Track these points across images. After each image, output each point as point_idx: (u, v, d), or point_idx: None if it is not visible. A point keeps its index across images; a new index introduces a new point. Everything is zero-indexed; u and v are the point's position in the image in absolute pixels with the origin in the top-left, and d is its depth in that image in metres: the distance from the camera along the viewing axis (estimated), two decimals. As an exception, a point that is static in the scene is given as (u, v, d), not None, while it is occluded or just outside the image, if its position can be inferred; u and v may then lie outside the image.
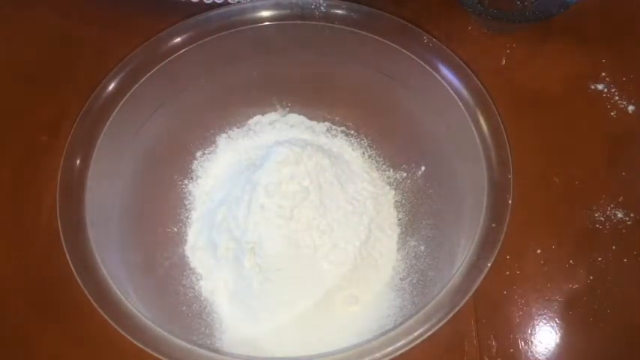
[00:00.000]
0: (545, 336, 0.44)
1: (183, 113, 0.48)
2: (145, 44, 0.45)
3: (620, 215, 0.47)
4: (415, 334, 0.35)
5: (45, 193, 0.48)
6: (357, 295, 0.44)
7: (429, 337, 0.36)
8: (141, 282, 0.42)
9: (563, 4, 0.50)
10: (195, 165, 0.50)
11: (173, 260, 0.46)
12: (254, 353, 0.41)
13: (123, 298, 0.37)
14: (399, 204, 0.48)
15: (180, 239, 0.47)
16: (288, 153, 0.44)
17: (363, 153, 0.51)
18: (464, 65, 0.43)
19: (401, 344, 0.35)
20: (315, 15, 0.45)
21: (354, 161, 0.50)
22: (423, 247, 0.46)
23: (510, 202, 0.39)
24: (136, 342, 0.36)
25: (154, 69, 0.44)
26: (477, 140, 0.41)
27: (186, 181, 0.49)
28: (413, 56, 0.44)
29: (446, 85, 0.43)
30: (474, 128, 0.41)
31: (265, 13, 0.46)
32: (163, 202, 0.48)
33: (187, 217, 0.48)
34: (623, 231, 0.47)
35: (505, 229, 0.38)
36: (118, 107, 0.43)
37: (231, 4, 0.47)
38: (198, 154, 0.50)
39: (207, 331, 0.43)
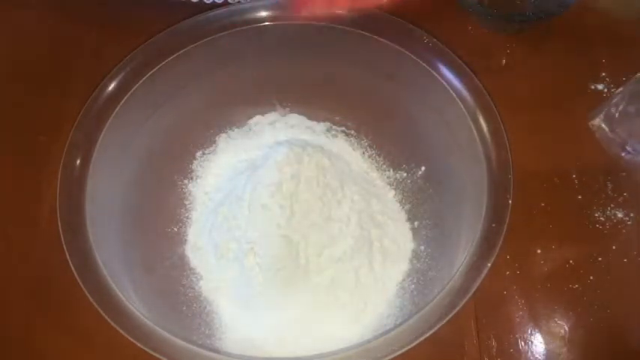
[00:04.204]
0: (545, 336, 0.44)
1: (184, 113, 0.48)
2: (145, 44, 0.45)
3: (620, 215, 0.47)
4: (415, 334, 0.35)
5: (45, 193, 0.48)
6: (357, 295, 0.44)
7: (429, 337, 0.36)
8: (141, 282, 0.42)
9: (563, 4, 0.50)
10: (195, 165, 0.50)
11: (173, 260, 0.46)
12: (254, 353, 0.41)
13: (123, 298, 0.37)
14: (399, 204, 0.48)
15: (180, 239, 0.47)
16: (288, 153, 0.44)
17: (363, 153, 0.51)
18: (464, 65, 0.43)
19: (401, 344, 0.35)
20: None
21: (354, 161, 0.50)
22: (422, 247, 0.46)
23: (510, 202, 0.39)
24: (136, 342, 0.36)
25: (154, 69, 0.44)
26: (477, 140, 0.41)
27: (186, 181, 0.49)
28: (413, 56, 0.44)
29: (446, 85, 0.43)
30: (474, 128, 0.41)
31: (265, 13, 0.46)
32: (163, 202, 0.48)
33: (187, 217, 0.48)
34: (623, 231, 0.47)
35: (505, 229, 0.38)
36: (118, 107, 0.43)
37: (231, 4, 0.47)
38: (199, 154, 0.50)
39: (207, 331, 0.43)
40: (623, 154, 0.48)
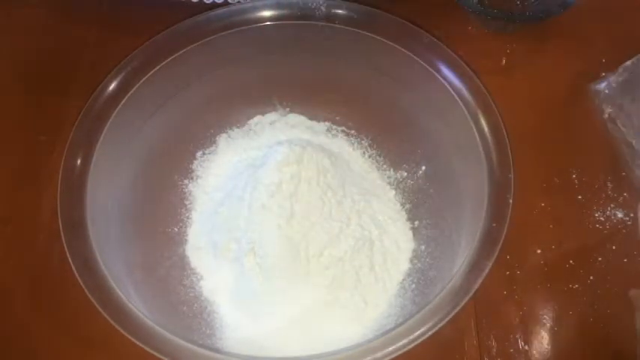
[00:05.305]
0: (545, 336, 0.44)
1: (184, 113, 0.48)
2: (145, 44, 0.45)
3: (620, 215, 0.47)
4: (416, 333, 0.36)
5: (45, 193, 0.48)
6: (358, 295, 0.44)
7: (429, 336, 0.36)
8: (142, 282, 0.42)
9: (563, 4, 0.50)
10: (195, 165, 0.50)
11: (174, 260, 0.46)
12: (254, 353, 0.41)
13: (124, 298, 0.37)
14: (399, 204, 0.48)
15: (180, 239, 0.47)
16: (288, 153, 0.44)
17: (364, 153, 0.51)
18: (464, 65, 0.43)
19: (402, 344, 0.35)
20: (315, 15, 0.46)
21: (355, 161, 0.50)
22: (423, 247, 0.46)
23: (511, 201, 0.39)
24: (137, 341, 0.36)
25: (154, 69, 0.44)
26: (478, 140, 0.41)
27: (186, 181, 0.49)
28: (413, 56, 0.44)
29: (446, 84, 0.43)
30: (474, 128, 0.42)
31: (265, 13, 0.46)
32: (164, 202, 0.48)
33: (188, 217, 0.48)
34: (623, 231, 0.47)
35: (506, 228, 0.38)
36: (118, 107, 0.43)
37: (231, 4, 0.47)
38: (199, 153, 0.50)
39: (207, 331, 0.43)
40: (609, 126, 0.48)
